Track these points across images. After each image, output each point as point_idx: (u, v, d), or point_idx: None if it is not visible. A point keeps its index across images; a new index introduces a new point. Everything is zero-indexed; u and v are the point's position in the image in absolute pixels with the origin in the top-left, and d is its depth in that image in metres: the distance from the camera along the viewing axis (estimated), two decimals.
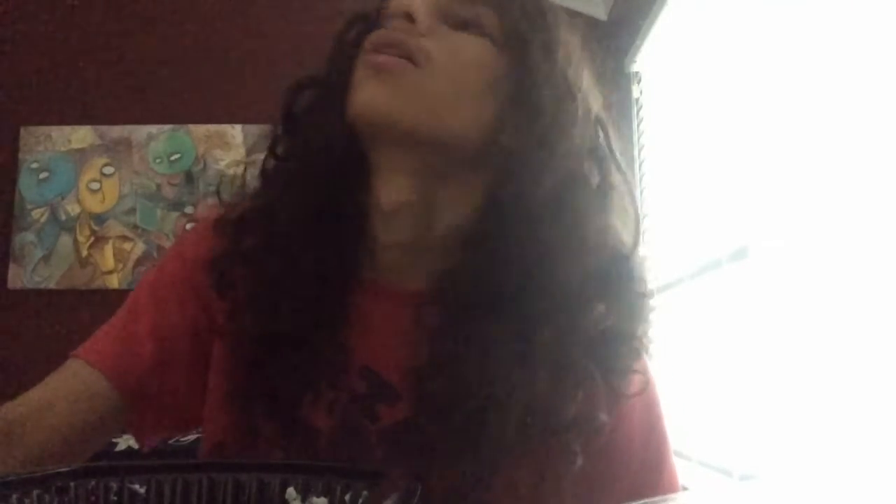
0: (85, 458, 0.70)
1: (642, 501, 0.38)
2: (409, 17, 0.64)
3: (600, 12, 2.65)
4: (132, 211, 2.69)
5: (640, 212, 0.72)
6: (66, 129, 2.72)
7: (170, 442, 1.16)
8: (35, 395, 0.70)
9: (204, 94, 2.69)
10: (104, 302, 2.59)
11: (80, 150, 2.72)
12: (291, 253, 0.68)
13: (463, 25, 0.67)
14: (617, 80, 2.47)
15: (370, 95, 0.64)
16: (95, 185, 2.70)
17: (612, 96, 0.73)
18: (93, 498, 0.49)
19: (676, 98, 2.15)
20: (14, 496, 0.46)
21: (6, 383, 2.34)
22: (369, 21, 0.71)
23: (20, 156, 2.70)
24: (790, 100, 1.47)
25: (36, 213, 2.68)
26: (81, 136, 2.72)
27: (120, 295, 2.59)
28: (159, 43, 2.76)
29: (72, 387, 0.70)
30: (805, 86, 1.43)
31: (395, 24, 0.65)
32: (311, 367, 0.69)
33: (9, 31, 2.79)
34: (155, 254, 2.65)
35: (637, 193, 0.71)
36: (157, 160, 2.71)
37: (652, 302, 0.71)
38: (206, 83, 2.68)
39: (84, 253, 2.66)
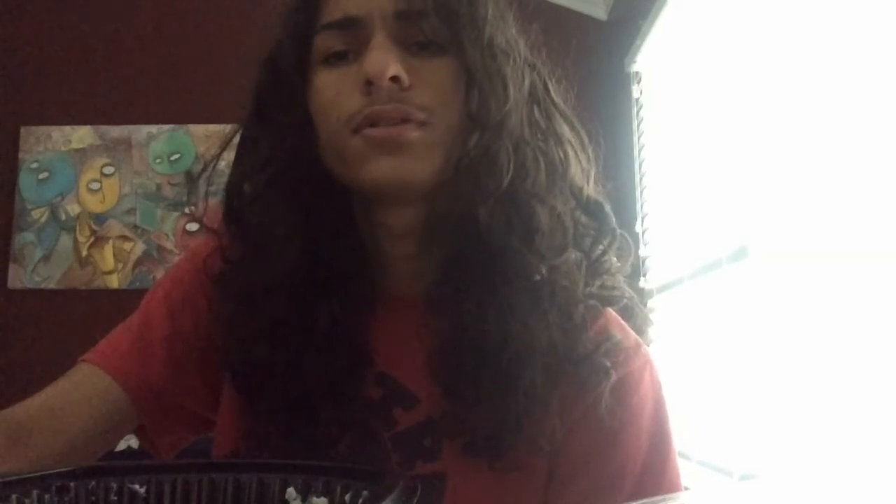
0: (90, 461, 0.70)
1: (642, 501, 0.38)
2: (395, 79, 0.63)
3: (600, 12, 2.65)
4: (132, 211, 2.68)
5: (591, 158, 0.74)
6: (66, 129, 2.72)
7: None
8: (45, 398, 0.70)
9: (204, 94, 2.68)
10: (104, 302, 2.59)
11: (80, 150, 2.72)
12: (301, 291, 0.69)
13: (424, 45, 0.66)
14: (617, 80, 2.47)
15: (388, 169, 0.64)
16: (95, 185, 2.70)
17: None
18: (93, 498, 0.49)
19: (676, 98, 2.15)
20: (14, 496, 0.46)
21: (6, 383, 2.34)
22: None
23: (20, 156, 2.70)
24: (790, 99, 1.47)
25: (36, 213, 2.68)
26: (81, 136, 2.72)
27: (120, 295, 2.61)
28: (159, 43, 2.76)
29: (83, 391, 0.70)
30: (805, 85, 1.43)
31: (383, 94, 0.63)
32: (329, 376, 0.69)
33: (9, 32, 2.79)
34: (155, 254, 2.65)
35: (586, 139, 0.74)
36: (157, 160, 2.71)
37: (630, 240, 0.75)
38: (206, 83, 2.68)
39: (84, 253, 2.66)
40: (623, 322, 0.74)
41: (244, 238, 0.72)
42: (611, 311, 0.73)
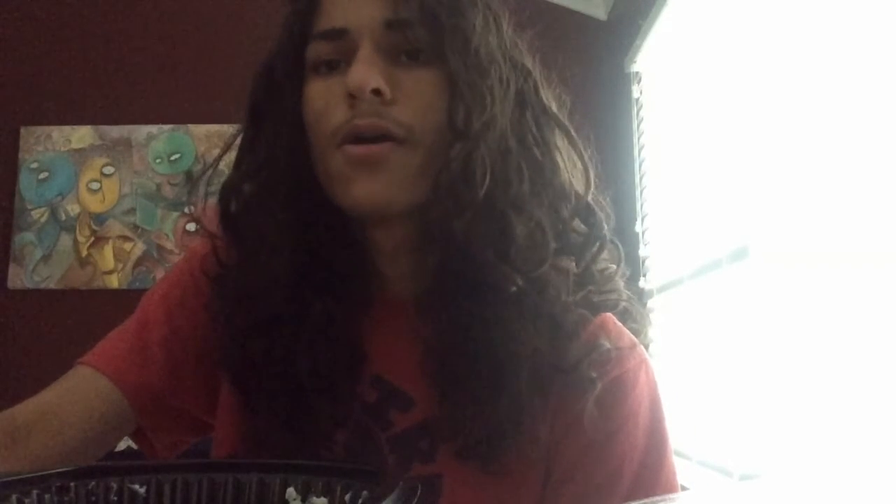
0: (89, 462, 0.70)
1: (642, 501, 0.38)
2: (377, 92, 0.64)
3: (600, 12, 2.66)
4: (132, 211, 2.69)
5: (587, 161, 0.73)
6: (66, 129, 2.72)
7: None
8: (43, 400, 0.70)
9: (204, 94, 2.68)
10: (104, 302, 2.59)
11: (80, 150, 2.72)
12: (298, 297, 0.69)
13: (412, 54, 0.66)
14: (617, 80, 2.47)
15: (367, 190, 0.65)
16: (95, 185, 2.70)
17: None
18: (93, 498, 0.49)
19: (676, 98, 2.15)
20: (14, 496, 0.46)
21: (6, 383, 2.34)
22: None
23: (20, 156, 2.70)
24: (790, 99, 1.47)
25: (36, 213, 2.68)
26: (81, 136, 2.72)
27: (120, 295, 2.61)
28: (159, 43, 2.76)
29: (81, 394, 0.70)
30: (805, 85, 1.43)
31: (365, 106, 0.64)
32: (324, 371, 0.69)
33: (9, 31, 2.79)
34: (155, 254, 2.65)
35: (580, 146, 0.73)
36: (157, 160, 2.71)
37: (619, 245, 0.75)
38: (206, 83, 2.68)
39: (84, 253, 2.66)
40: (619, 323, 0.74)
41: (239, 242, 0.72)
42: (606, 314, 0.73)
